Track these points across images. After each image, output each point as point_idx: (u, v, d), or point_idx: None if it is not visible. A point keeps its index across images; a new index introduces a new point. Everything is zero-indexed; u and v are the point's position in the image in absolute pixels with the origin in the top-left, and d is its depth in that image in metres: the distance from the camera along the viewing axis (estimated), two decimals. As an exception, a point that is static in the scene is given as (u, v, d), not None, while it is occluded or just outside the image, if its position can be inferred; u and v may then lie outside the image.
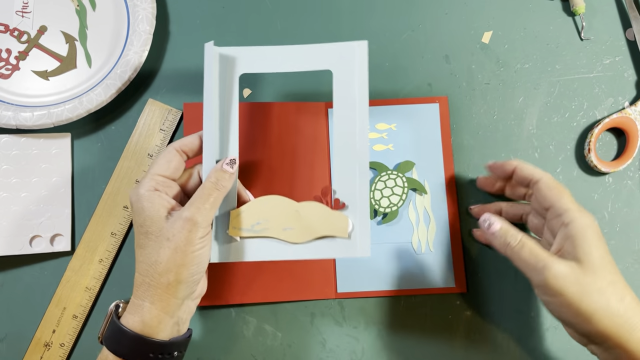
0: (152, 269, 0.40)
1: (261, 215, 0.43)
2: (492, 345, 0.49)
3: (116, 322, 0.40)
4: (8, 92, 0.51)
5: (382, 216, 0.50)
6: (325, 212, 0.43)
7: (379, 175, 0.51)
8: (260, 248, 0.44)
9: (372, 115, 0.51)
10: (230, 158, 0.43)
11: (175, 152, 0.43)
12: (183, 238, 0.39)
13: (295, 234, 0.43)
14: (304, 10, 0.55)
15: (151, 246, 0.40)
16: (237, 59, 0.45)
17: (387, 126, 0.52)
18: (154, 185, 0.41)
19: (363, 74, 0.44)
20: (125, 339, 0.39)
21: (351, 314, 0.50)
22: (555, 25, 0.54)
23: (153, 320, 0.39)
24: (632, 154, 0.51)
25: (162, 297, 0.39)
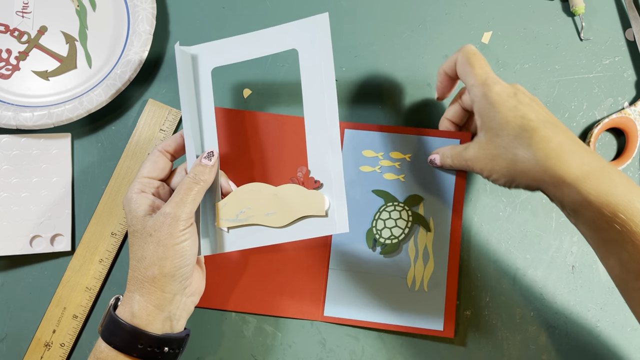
0: (139, 264, 0.41)
1: (244, 203, 0.44)
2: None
3: (111, 313, 0.41)
4: (8, 92, 0.52)
5: (381, 247, 0.49)
6: (302, 193, 0.43)
7: (385, 205, 0.50)
8: (247, 236, 0.44)
9: (388, 143, 0.51)
10: (208, 151, 0.44)
11: (159, 153, 0.45)
12: (164, 232, 0.40)
13: (277, 218, 0.43)
14: (304, 10, 0.55)
15: (137, 243, 0.42)
16: (206, 54, 0.46)
17: (402, 156, 0.50)
18: (140, 187, 0.43)
19: (327, 48, 0.44)
20: (118, 329, 0.41)
21: (351, 314, 0.50)
22: (555, 26, 0.54)
23: (142, 312, 0.41)
24: (632, 154, 0.51)
25: (150, 290, 0.41)
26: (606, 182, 0.38)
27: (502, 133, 0.41)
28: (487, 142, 0.42)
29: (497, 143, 0.41)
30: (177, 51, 0.45)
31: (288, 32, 0.44)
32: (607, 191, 0.38)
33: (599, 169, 0.39)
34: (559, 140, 0.39)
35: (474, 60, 0.43)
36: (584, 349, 0.49)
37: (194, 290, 0.44)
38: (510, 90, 0.42)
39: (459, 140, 0.49)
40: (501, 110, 0.41)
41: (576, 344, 0.49)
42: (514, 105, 0.41)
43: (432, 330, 0.48)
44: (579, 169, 0.39)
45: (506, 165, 0.41)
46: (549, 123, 0.40)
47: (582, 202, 0.38)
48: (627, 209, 0.37)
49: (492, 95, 0.41)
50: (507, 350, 0.49)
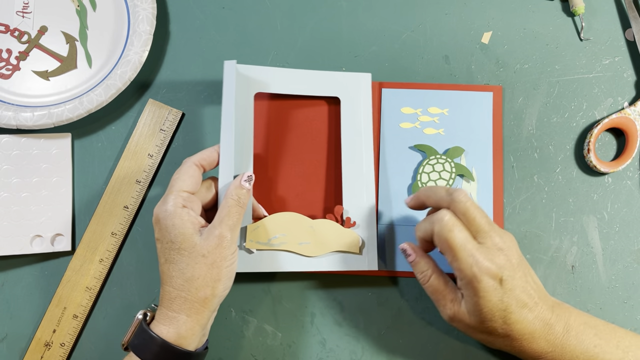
0: (188, 284, 0.41)
1: (279, 229, 0.46)
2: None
3: (147, 330, 0.41)
4: (8, 92, 0.52)
5: None
6: (338, 230, 0.48)
7: (428, 159, 0.51)
8: (277, 260, 0.47)
9: (426, 99, 0.52)
10: (247, 174, 0.44)
11: (195, 167, 0.44)
12: (218, 254, 0.41)
13: (311, 248, 0.47)
14: (304, 10, 0.55)
15: (185, 262, 0.41)
16: (254, 77, 0.48)
17: (440, 110, 0.52)
18: (182, 202, 0.42)
19: (367, 102, 0.50)
20: (155, 347, 0.40)
21: (351, 314, 0.50)
22: (555, 26, 0.54)
23: (188, 333, 0.41)
24: (632, 154, 0.51)
25: (199, 310, 0.41)
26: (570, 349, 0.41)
27: (486, 321, 0.41)
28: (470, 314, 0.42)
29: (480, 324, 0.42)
30: (227, 67, 0.45)
31: (333, 80, 0.50)
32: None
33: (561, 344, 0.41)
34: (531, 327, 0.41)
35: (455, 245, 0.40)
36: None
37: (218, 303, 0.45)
38: (496, 282, 0.40)
39: (492, 93, 0.52)
40: (487, 305, 0.40)
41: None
42: (500, 299, 0.40)
43: None
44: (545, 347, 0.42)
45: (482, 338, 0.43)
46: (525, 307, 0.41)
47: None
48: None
49: (479, 291, 0.40)
50: (507, 350, 0.49)
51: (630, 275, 0.50)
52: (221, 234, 0.41)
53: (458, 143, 0.52)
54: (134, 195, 0.51)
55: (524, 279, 0.41)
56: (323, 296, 0.50)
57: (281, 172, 0.51)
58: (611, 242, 0.51)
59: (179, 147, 0.52)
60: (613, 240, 0.51)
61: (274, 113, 0.52)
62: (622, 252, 0.51)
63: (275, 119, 0.52)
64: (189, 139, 0.53)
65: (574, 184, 0.52)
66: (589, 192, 0.52)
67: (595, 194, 0.52)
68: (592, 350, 0.41)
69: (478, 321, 0.41)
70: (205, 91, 0.53)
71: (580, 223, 0.51)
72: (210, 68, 0.54)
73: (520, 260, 0.42)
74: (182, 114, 0.53)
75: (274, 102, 0.52)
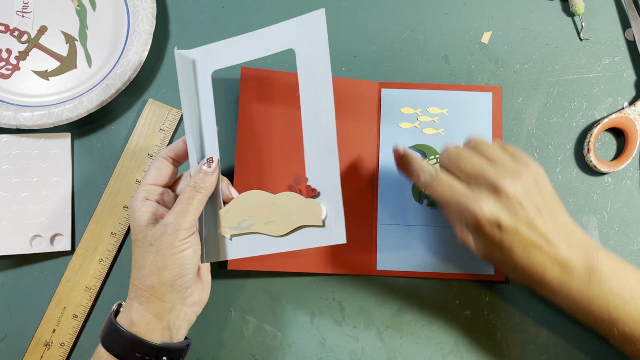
0: (139, 272, 0.41)
1: (245, 211, 0.43)
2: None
3: (112, 320, 0.42)
4: (8, 92, 0.52)
5: (427, 199, 0.51)
6: (300, 202, 0.42)
7: (427, 159, 0.51)
8: (249, 244, 0.43)
9: (425, 99, 0.52)
10: (207, 157, 0.43)
11: (163, 159, 0.45)
12: (164, 242, 0.40)
13: (277, 227, 0.42)
14: (304, 10, 0.55)
15: (138, 252, 0.42)
16: (205, 58, 0.45)
17: (440, 111, 0.52)
18: (145, 195, 0.43)
19: (323, 47, 0.41)
20: (118, 337, 0.41)
21: (351, 314, 0.50)
22: (555, 26, 0.54)
23: (140, 321, 0.41)
24: (632, 155, 0.51)
25: (149, 299, 0.41)
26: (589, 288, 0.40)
27: (490, 260, 0.42)
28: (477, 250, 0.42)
29: (487, 259, 0.42)
30: (177, 56, 0.44)
31: (285, 31, 0.42)
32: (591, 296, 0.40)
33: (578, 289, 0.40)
34: (541, 269, 0.40)
35: (442, 201, 0.42)
36: (584, 349, 0.49)
37: (196, 301, 0.44)
38: (494, 228, 0.40)
39: (491, 93, 0.52)
40: (488, 248, 0.41)
41: (576, 344, 0.49)
42: (500, 241, 0.40)
43: (484, 275, 0.50)
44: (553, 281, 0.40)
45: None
46: (535, 248, 0.40)
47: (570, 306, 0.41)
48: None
49: (478, 237, 0.41)
50: (507, 350, 0.49)
51: (630, 276, 0.50)
52: (166, 221, 0.41)
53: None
54: (134, 195, 0.51)
55: (534, 215, 0.40)
56: (323, 296, 0.50)
57: (264, 153, 0.50)
58: (611, 242, 0.51)
59: (179, 147, 0.52)
60: (613, 240, 0.51)
61: (257, 93, 0.51)
62: (623, 252, 0.51)
63: (260, 100, 0.51)
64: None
65: (574, 184, 0.52)
66: (589, 192, 0.52)
67: (595, 194, 0.52)
68: (612, 301, 0.40)
69: (484, 258, 0.42)
70: (205, 91, 0.53)
71: (580, 223, 0.51)
72: (210, 68, 0.54)
73: (531, 195, 0.40)
74: (182, 114, 0.53)
75: (258, 80, 0.51)
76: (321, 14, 0.41)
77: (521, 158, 0.42)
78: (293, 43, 0.42)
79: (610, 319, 0.40)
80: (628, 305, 0.39)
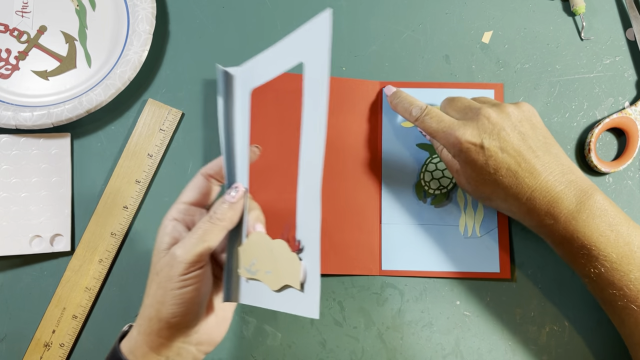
0: (144, 300, 0.38)
1: (253, 254, 0.37)
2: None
3: (115, 344, 0.39)
4: (8, 92, 0.51)
5: (431, 197, 0.51)
6: (286, 255, 0.35)
7: (431, 157, 0.51)
8: (256, 292, 0.38)
9: (427, 97, 0.52)
10: (234, 186, 0.38)
11: (201, 177, 0.41)
12: (164, 274, 0.36)
13: (273, 280, 0.36)
14: (304, 10, 0.55)
15: (149, 278, 0.39)
16: (243, 75, 0.39)
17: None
18: (174, 215, 0.39)
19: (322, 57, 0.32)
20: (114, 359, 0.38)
21: (351, 314, 0.50)
22: (556, 25, 0.54)
23: (137, 351, 0.38)
24: (632, 154, 0.51)
25: (146, 330, 0.37)
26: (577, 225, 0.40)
27: (479, 186, 0.43)
28: (467, 181, 0.45)
29: (476, 189, 0.44)
30: (219, 72, 0.39)
31: (297, 42, 0.34)
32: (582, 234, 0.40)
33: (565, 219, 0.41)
34: (528, 192, 0.41)
35: (431, 129, 0.44)
36: (584, 349, 0.49)
37: (204, 340, 0.40)
38: (477, 147, 0.42)
39: (493, 91, 0.52)
40: (473, 170, 0.43)
41: (576, 344, 0.49)
42: (484, 162, 0.42)
43: (489, 273, 0.50)
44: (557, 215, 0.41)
45: (496, 205, 0.45)
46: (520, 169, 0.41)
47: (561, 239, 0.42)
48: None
49: (461, 159, 0.43)
50: (507, 351, 0.49)
51: (631, 276, 0.50)
52: (173, 252, 0.36)
53: None
54: (133, 195, 0.51)
55: (519, 140, 0.41)
56: (323, 296, 0.50)
57: (272, 172, 0.49)
58: (612, 242, 0.51)
59: (179, 147, 0.52)
60: (614, 240, 0.51)
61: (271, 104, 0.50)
62: (623, 252, 0.50)
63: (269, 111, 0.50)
64: (188, 139, 0.52)
65: (575, 184, 0.52)
66: (590, 192, 0.52)
67: (596, 194, 0.51)
68: (595, 239, 0.40)
69: (473, 187, 0.43)
70: (205, 91, 0.53)
71: (581, 223, 0.51)
72: (210, 68, 0.53)
73: (517, 123, 0.42)
74: (181, 113, 0.53)
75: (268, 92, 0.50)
76: (326, 17, 0.31)
77: (518, 102, 0.44)
78: (302, 55, 0.34)
79: (589, 256, 0.40)
80: (610, 246, 0.40)
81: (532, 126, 0.42)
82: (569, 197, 0.40)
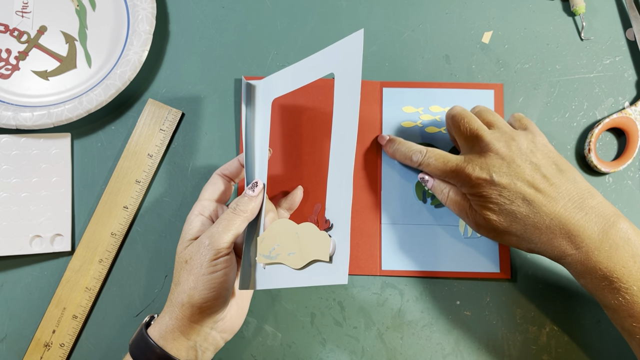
0: (175, 288, 0.41)
1: (275, 240, 0.42)
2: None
3: (143, 331, 0.41)
4: (8, 92, 0.51)
5: (431, 197, 0.51)
6: (314, 233, 0.39)
7: None
8: (273, 275, 0.41)
9: (427, 97, 0.52)
10: (254, 181, 0.43)
11: (218, 177, 0.45)
12: (197, 261, 0.40)
13: (296, 259, 0.40)
14: (304, 10, 0.55)
15: (176, 267, 0.42)
16: (266, 86, 0.45)
17: (442, 109, 0.52)
18: (200, 210, 0.43)
19: (354, 70, 0.39)
20: (146, 348, 0.40)
21: (351, 314, 0.50)
22: (556, 25, 0.54)
23: (168, 335, 0.41)
24: (632, 154, 0.51)
25: (179, 316, 0.41)
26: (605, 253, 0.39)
27: (490, 221, 0.43)
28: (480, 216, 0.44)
29: (487, 224, 0.43)
30: (243, 84, 0.46)
31: (328, 56, 0.41)
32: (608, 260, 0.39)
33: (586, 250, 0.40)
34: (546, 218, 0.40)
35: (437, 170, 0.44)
36: (584, 349, 0.49)
37: (227, 328, 0.44)
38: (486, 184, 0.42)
39: (493, 91, 0.52)
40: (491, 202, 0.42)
41: (576, 344, 0.49)
42: (498, 195, 0.42)
43: (489, 272, 0.50)
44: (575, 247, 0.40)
45: (506, 240, 0.44)
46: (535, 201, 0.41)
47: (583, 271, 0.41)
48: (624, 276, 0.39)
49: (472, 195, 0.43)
50: (507, 351, 0.49)
51: (631, 276, 0.50)
52: (201, 240, 0.41)
53: None
54: (133, 195, 0.51)
55: (531, 172, 0.41)
56: (323, 296, 0.50)
57: (295, 171, 0.51)
58: (612, 242, 0.51)
59: (179, 147, 0.52)
60: (614, 240, 0.51)
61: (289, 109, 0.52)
62: (623, 252, 0.51)
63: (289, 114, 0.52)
64: (188, 139, 0.52)
65: (575, 184, 0.52)
66: (590, 192, 0.52)
67: (596, 194, 0.51)
68: (618, 271, 0.39)
69: (485, 222, 0.43)
70: (205, 91, 0.53)
71: (581, 223, 0.51)
72: (210, 68, 0.53)
73: (528, 154, 0.42)
74: (181, 113, 0.53)
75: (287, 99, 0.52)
76: (358, 36, 0.38)
77: (521, 119, 0.44)
78: (333, 67, 0.41)
79: (611, 288, 0.39)
80: (632, 278, 0.39)
81: (543, 155, 0.42)
82: (591, 226, 0.39)
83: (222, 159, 0.52)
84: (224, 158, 0.52)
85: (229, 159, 0.52)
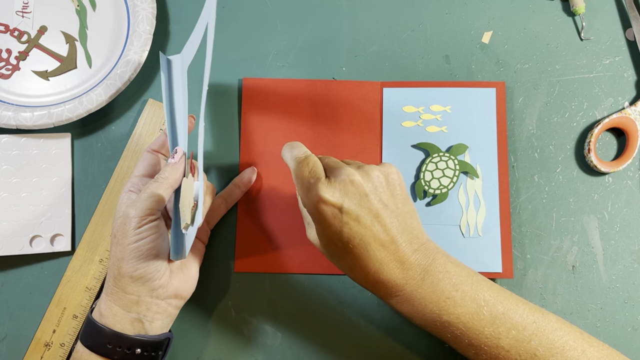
0: (109, 263, 0.42)
1: (185, 202, 0.42)
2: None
3: (88, 315, 0.42)
4: (8, 92, 0.51)
5: (431, 197, 0.51)
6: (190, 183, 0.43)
7: (431, 157, 0.51)
8: (191, 237, 0.42)
9: (427, 97, 0.52)
10: (174, 150, 0.42)
11: (147, 153, 0.46)
12: (120, 231, 0.40)
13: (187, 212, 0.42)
14: (304, 10, 0.55)
15: (111, 244, 0.42)
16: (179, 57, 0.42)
17: (442, 108, 0.52)
18: (129, 187, 0.43)
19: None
20: (90, 329, 0.41)
21: (351, 314, 0.50)
22: (555, 25, 0.54)
23: (107, 311, 0.41)
24: (632, 154, 0.51)
25: (113, 290, 0.41)
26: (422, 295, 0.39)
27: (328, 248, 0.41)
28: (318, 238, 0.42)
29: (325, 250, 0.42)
30: (162, 59, 0.42)
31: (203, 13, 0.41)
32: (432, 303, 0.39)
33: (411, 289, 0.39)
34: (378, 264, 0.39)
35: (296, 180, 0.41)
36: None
37: (172, 293, 0.43)
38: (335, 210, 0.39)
39: (494, 89, 0.52)
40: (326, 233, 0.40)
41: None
42: (340, 227, 0.39)
43: (492, 272, 0.49)
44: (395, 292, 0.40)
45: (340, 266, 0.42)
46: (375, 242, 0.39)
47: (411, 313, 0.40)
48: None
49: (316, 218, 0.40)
50: (508, 351, 0.49)
51: (630, 275, 0.50)
52: (125, 211, 0.41)
53: (461, 140, 0.51)
54: (133, 195, 0.51)
55: (379, 208, 0.39)
56: (323, 296, 0.50)
57: (267, 162, 0.52)
58: (612, 242, 0.51)
59: (179, 147, 0.52)
60: (614, 240, 0.51)
61: (258, 102, 0.52)
62: (623, 252, 0.51)
63: (261, 109, 0.52)
64: (188, 139, 0.52)
65: (575, 183, 0.52)
66: (590, 192, 0.52)
67: (595, 194, 0.52)
68: (443, 303, 0.39)
69: (323, 245, 0.41)
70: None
71: (580, 223, 0.51)
72: (210, 68, 0.53)
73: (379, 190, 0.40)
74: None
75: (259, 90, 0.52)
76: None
77: (383, 165, 0.42)
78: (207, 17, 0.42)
79: (442, 321, 0.39)
80: (458, 307, 0.39)
81: (393, 194, 0.40)
82: (415, 265, 0.39)
83: (223, 159, 0.52)
84: (224, 158, 0.52)
85: (229, 159, 0.52)
